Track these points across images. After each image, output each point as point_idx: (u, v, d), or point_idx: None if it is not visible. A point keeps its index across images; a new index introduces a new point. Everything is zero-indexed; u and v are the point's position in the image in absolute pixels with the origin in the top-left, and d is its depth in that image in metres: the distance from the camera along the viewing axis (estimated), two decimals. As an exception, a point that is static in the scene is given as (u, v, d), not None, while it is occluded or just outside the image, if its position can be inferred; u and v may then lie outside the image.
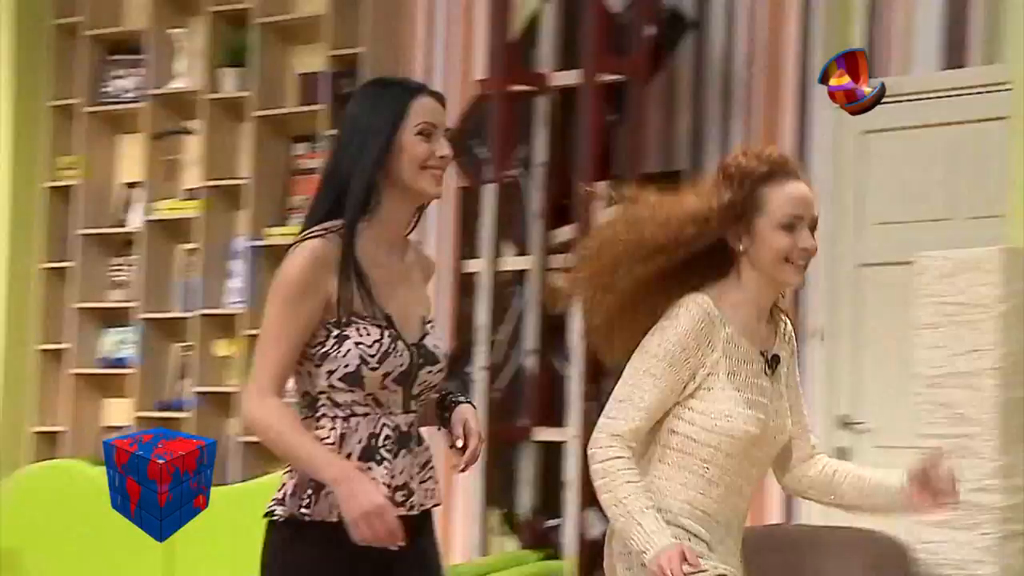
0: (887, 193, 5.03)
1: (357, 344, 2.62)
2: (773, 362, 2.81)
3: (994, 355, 4.07)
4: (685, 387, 2.74)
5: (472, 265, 5.62)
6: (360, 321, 2.63)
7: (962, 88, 4.87)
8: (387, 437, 2.65)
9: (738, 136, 5.34)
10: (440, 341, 2.74)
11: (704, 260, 2.78)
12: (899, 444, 4.67)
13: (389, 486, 2.64)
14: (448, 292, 5.73)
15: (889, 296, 4.92)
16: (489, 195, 5.53)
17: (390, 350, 2.64)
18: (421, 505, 2.70)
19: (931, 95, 4.94)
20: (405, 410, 2.69)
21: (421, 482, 2.71)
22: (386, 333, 2.64)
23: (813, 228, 2.77)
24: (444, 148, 2.68)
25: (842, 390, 5.09)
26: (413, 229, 2.76)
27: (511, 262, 5.54)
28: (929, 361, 4.19)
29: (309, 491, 2.61)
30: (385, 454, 2.65)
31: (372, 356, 2.62)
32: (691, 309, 2.73)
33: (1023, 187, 4.32)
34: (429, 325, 2.74)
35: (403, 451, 2.67)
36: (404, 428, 2.69)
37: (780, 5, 5.27)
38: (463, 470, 2.72)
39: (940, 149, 4.94)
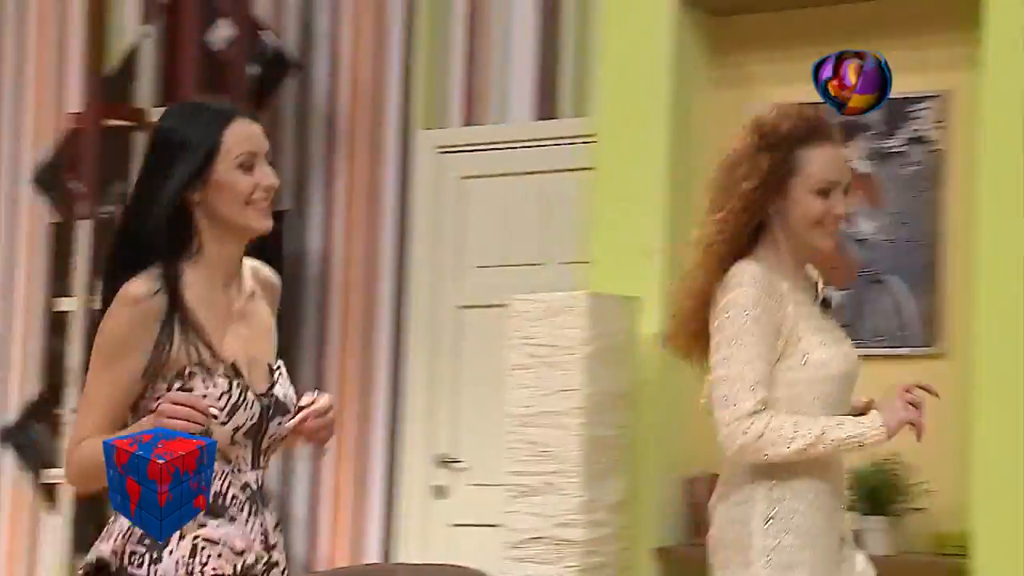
0: (486, 237, 5.17)
1: (203, 398, 2.39)
2: (826, 304, 2.79)
3: (579, 395, 4.23)
4: (777, 345, 2.64)
5: (64, 303, 5.42)
6: (203, 372, 2.42)
7: (553, 138, 5.08)
8: (234, 497, 2.45)
9: (342, 177, 5.37)
10: (289, 389, 2.54)
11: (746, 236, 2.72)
12: (491, 482, 4.80)
13: (238, 551, 2.43)
14: (38, 331, 5.49)
15: (486, 337, 5.05)
16: (84, 231, 5.35)
17: (239, 403, 2.44)
18: (276, 565, 2.50)
19: (525, 144, 5.12)
20: (254, 466, 2.49)
21: (273, 544, 2.49)
22: (234, 384, 2.44)
23: (847, 192, 2.73)
24: (268, 177, 2.47)
25: (441, 429, 5.19)
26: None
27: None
28: (520, 401, 4.32)
29: (143, 551, 2.39)
30: (235, 513, 2.45)
31: (221, 410, 2.41)
32: (745, 271, 2.65)
33: (606, 235, 4.53)
34: (277, 372, 2.53)
35: (255, 509, 2.48)
36: (254, 486, 2.49)
37: (382, 50, 5.35)
38: (318, 435, 2.50)
39: (534, 196, 5.13)
